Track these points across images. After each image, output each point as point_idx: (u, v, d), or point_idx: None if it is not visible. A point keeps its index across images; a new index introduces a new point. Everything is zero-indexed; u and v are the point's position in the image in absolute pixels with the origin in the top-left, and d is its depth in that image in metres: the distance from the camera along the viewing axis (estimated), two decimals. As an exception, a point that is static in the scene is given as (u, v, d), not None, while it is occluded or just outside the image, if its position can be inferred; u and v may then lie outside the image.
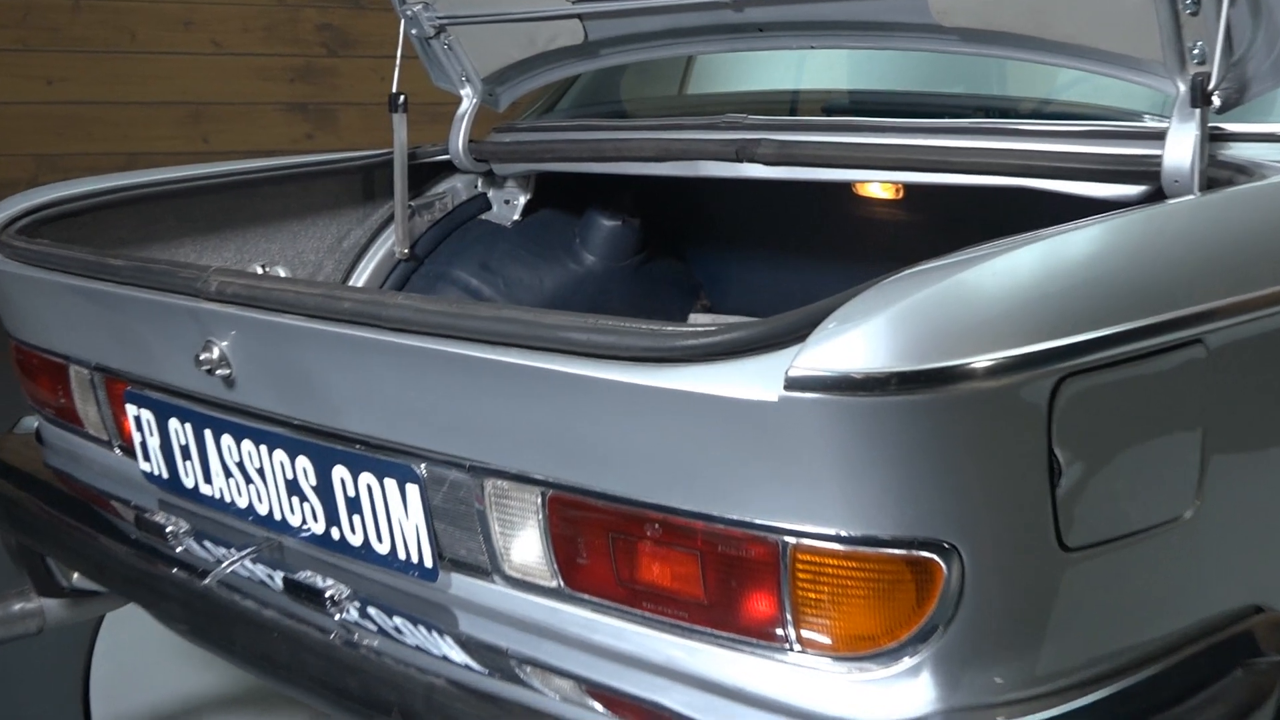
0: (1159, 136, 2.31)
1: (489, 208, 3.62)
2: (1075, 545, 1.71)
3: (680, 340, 1.72)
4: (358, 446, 2.14)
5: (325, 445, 2.18)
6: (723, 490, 1.73)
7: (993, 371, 1.60)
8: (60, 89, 6.78)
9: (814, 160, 2.84)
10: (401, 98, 3.38)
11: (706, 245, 3.75)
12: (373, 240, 3.51)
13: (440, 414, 2.01)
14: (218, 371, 2.25)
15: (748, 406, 1.64)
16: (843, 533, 1.66)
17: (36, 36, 6.60)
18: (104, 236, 3.09)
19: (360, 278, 3.48)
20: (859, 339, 1.60)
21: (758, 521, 1.72)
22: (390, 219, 3.49)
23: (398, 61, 3.36)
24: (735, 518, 1.74)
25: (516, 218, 3.58)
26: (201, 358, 2.24)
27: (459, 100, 3.47)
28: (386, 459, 2.10)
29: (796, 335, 1.64)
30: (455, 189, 3.59)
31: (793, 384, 1.59)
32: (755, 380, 1.64)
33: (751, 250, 3.66)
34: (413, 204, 3.51)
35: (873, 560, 1.67)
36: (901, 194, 3.21)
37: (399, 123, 3.39)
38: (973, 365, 1.59)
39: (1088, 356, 1.68)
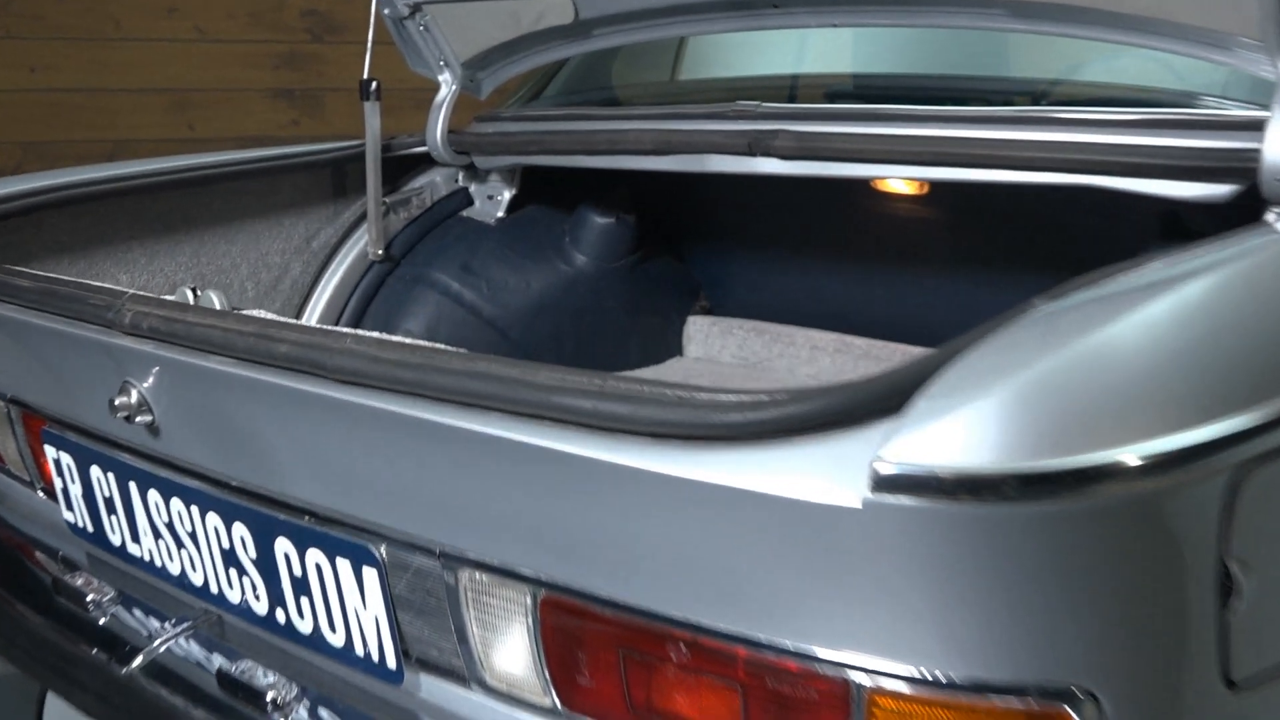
0: (1253, 127, 1.78)
1: (471, 204, 3.04)
2: (1245, 680, 1.18)
3: (722, 414, 1.16)
4: (305, 518, 1.58)
5: (265, 513, 1.63)
6: (775, 610, 1.19)
7: (1151, 467, 1.07)
8: (44, 76, 6.16)
9: (837, 154, 2.28)
10: (374, 84, 2.80)
11: (706, 243, 3.18)
12: (344, 240, 2.94)
13: (403, 487, 1.45)
14: (137, 419, 1.69)
15: (815, 510, 1.10)
16: (940, 675, 1.13)
17: (19, 24, 6.02)
18: (41, 241, 2.52)
19: (331, 281, 2.91)
20: (973, 422, 1.05)
21: (821, 654, 1.18)
22: (363, 217, 2.91)
23: (369, 44, 2.78)
24: (791, 646, 1.20)
25: (501, 215, 3.01)
26: (117, 402, 1.68)
27: (437, 87, 2.89)
28: (338, 535, 1.54)
29: (883, 408, 1.09)
30: (434, 184, 3.01)
31: (881, 483, 1.05)
32: (826, 474, 1.10)
33: (755, 248, 3.10)
34: (387, 200, 2.93)
35: (981, 712, 1.13)
36: (925, 188, 2.64)
37: (371, 111, 2.82)
38: (1124, 460, 1.05)
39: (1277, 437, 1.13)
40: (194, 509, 1.72)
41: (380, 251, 2.91)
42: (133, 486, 1.82)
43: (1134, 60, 2.27)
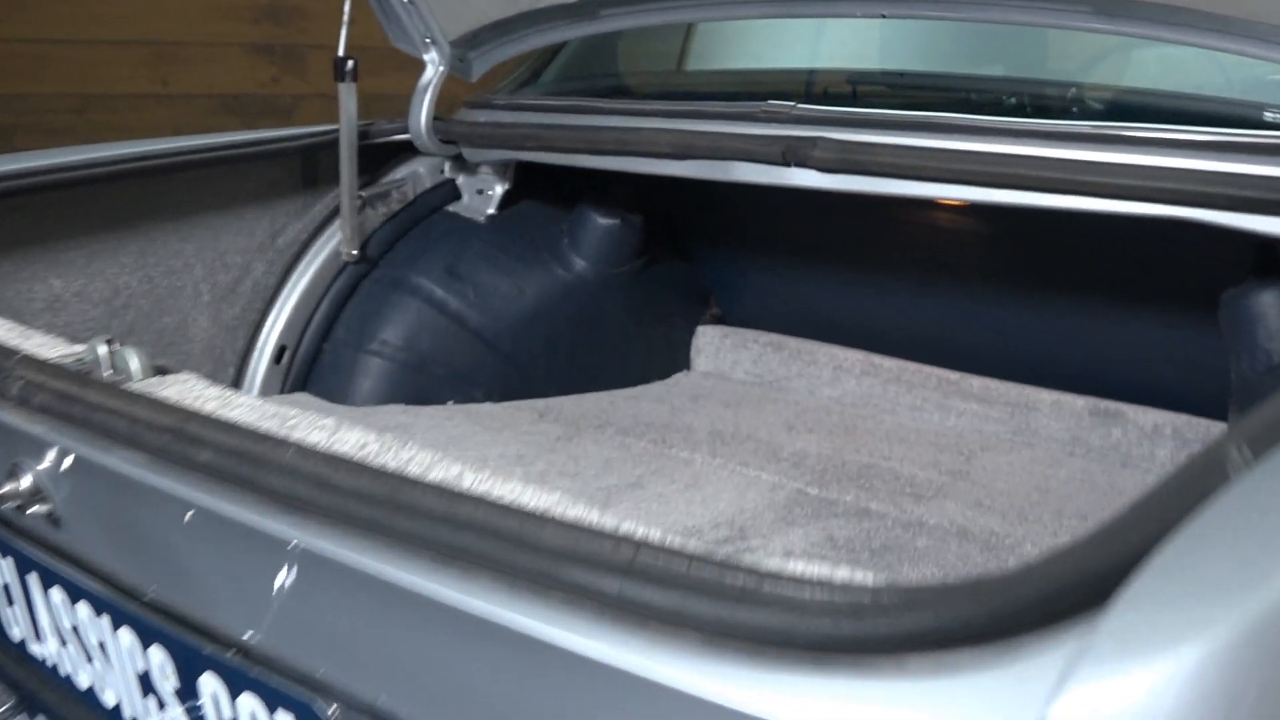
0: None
1: (458, 198, 2.65)
2: None
3: (807, 618, 0.80)
4: (235, 654, 1.21)
5: (189, 641, 1.25)
6: None
7: None
8: (8, 27, 5.68)
9: (885, 169, 1.89)
10: (350, 63, 2.40)
11: (718, 244, 2.80)
12: (314, 237, 2.55)
13: (359, 646, 1.08)
14: (31, 509, 1.31)
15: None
16: None
17: (-15, -32, 5.56)
18: (-38, 239, 2.13)
19: (298, 283, 2.52)
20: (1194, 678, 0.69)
21: None
22: (336, 211, 2.52)
23: (346, 17, 2.39)
24: None
25: (492, 211, 2.62)
26: (5, 488, 1.30)
27: (422, 66, 2.49)
28: (277, 683, 1.17)
29: (1051, 629, 0.74)
30: (417, 175, 2.62)
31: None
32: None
33: (773, 251, 2.71)
34: (363, 194, 2.54)
35: None
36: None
37: (346, 94, 2.42)
38: None
39: None
40: (104, 619, 1.35)
41: (354, 251, 2.51)
42: (33, 579, 1.44)
43: (1238, 71, 1.89)
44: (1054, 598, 0.76)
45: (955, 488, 2.16)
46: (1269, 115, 1.83)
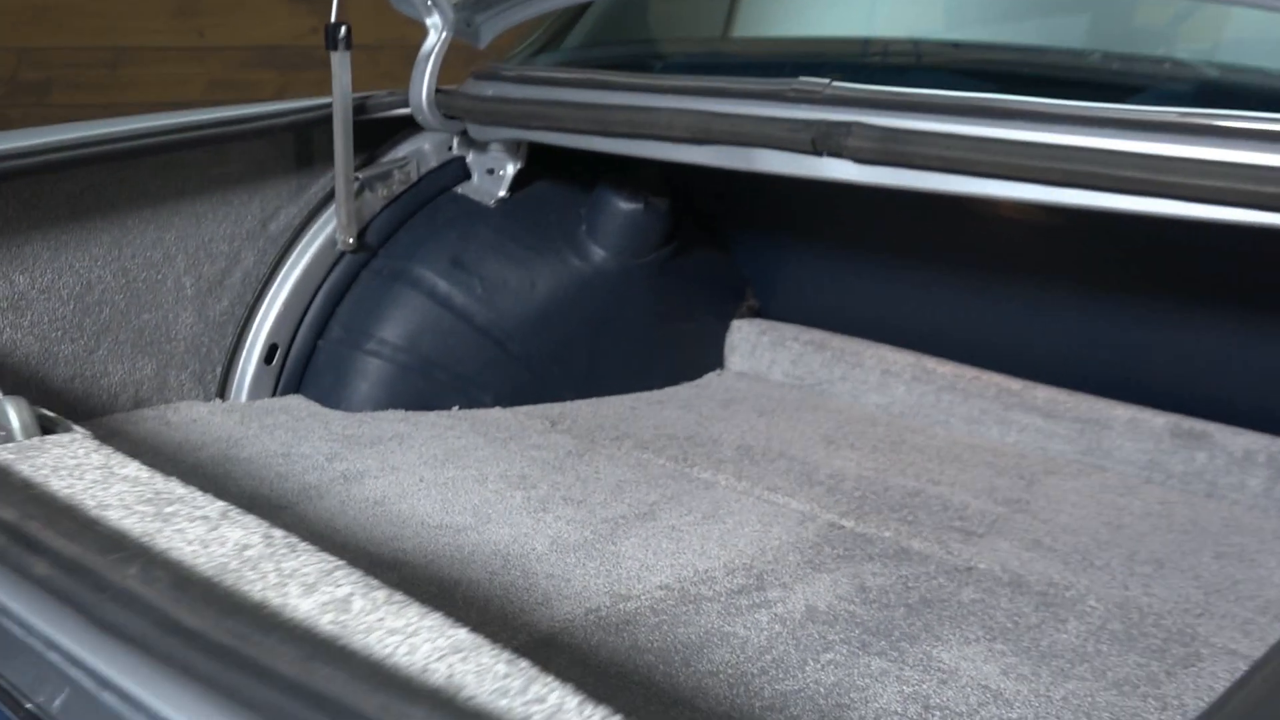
0: None
1: (467, 177, 2.42)
2: None
3: None
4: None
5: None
6: None
7: None
8: (37, -27, 5.51)
9: (933, 162, 1.64)
10: (343, 29, 2.19)
11: (756, 231, 2.55)
12: (309, 222, 2.35)
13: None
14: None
15: None
16: None
17: (10, -88, 5.40)
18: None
19: (291, 273, 2.33)
20: None
21: None
22: (332, 194, 2.31)
23: (340, -22, 2.18)
24: None
25: (502, 194, 2.40)
26: None
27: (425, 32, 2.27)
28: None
29: None
30: (421, 153, 2.40)
31: None
32: None
33: (817, 240, 2.46)
34: (361, 175, 2.33)
35: None
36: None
37: (340, 64, 2.21)
38: None
39: None
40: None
41: (351, 239, 2.31)
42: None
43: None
44: None
45: (1011, 522, 1.92)
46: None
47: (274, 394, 2.36)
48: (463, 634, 0.85)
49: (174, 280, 2.26)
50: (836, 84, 1.81)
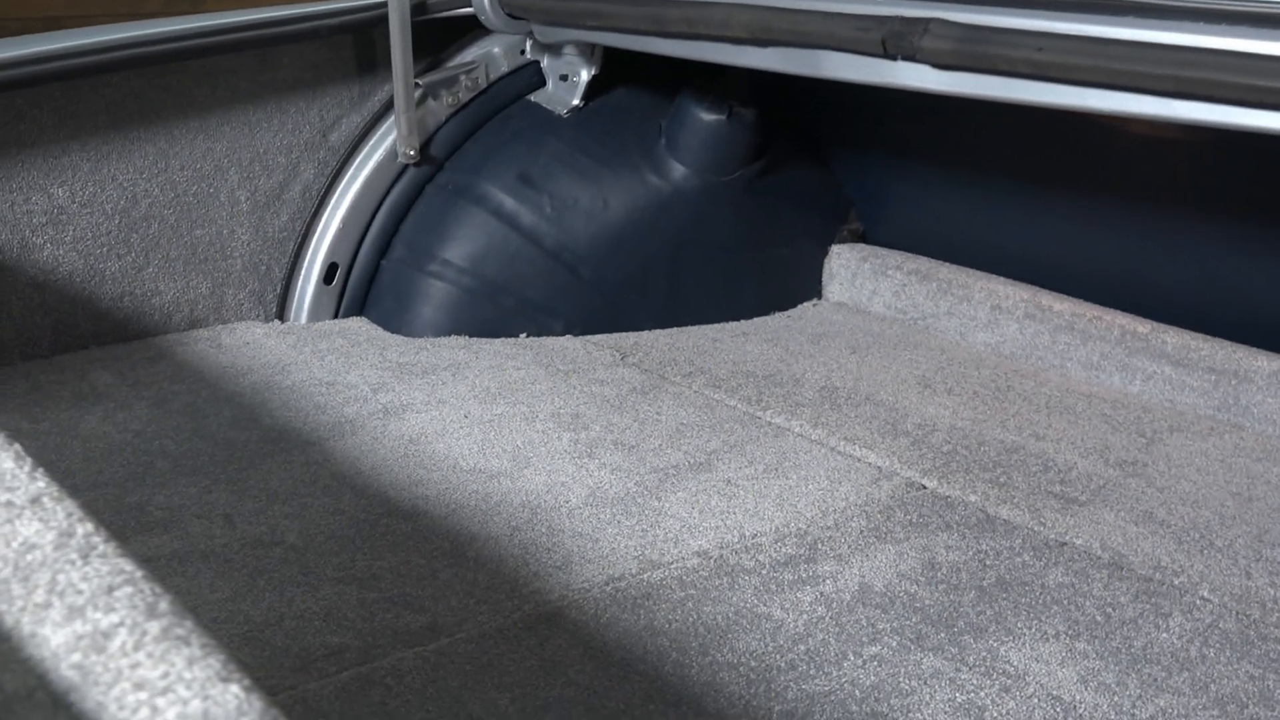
0: None
1: (541, 84, 2.20)
2: None
3: None
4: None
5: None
6: None
7: None
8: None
9: (1022, 67, 1.36)
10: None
11: (859, 144, 2.27)
12: (370, 131, 2.16)
13: None
14: None
15: None
16: None
17: None
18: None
19: (351, 187, 2.16)
20: None
21: None
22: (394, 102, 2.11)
23: None
24: None
25: (576, 102, 2.17)
26: None
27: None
28: None
29: None
30: (491, 57, 2.18)
31: None
32: None
33: (925, 157, 2.18)
34: (422, 81, 2.13)
35: None
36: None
37: (396, -42, 2.00)
38: None
39: None
40: None
41: (413, 152, 2.12)
42: None
43: None
44: None
45: (1122, 488, 1.64)
46: None
47: (335, 316, 2.20)
48: (231, 694, 0.64)
49: (227, 194, 2.11)
50: (918, -27, 1.52)
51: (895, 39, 1.45)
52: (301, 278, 2.17)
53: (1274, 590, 1.41)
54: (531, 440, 1.76)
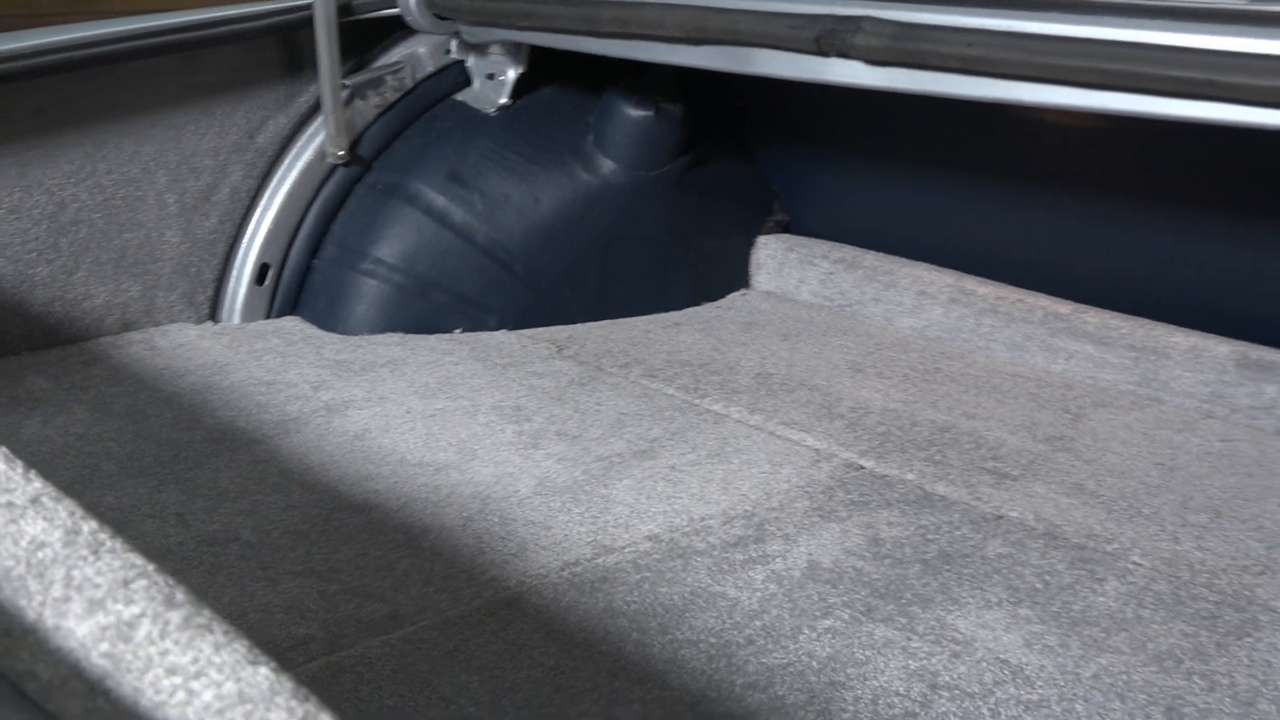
0: None
1: (467, 83, 2.21)
2: None
3: None
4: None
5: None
6: None
7: None
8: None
9: (952, 62, 1.41)
10: (324, -81, 1.98)
11: (783, 137, 2.31)
12: (298, 132, 2.16)
13: None
14: None
15: None
16: None
17: None
18: None
19: (280, 188, 2.15)
20: None
21: None
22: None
23: None
24: None
25: (504, 101, 2.19)
26: None
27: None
28: None
29: None
30: (417, 57, 2.20)
31: None
32: None
33: (849, 149, 2.23)
34: (349, 81, 2.13)
35: None
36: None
37: (323, -41, 2.00)
38: None
39: None
40: None
41: (342, 152, 2.12)
42: None
43: None
44: None
45: (1052, 462, 1.70)
46: None
47: (268, 316, 2.19)
48: (262, 675, 0.65)
49: (155, 197, 2.09)
50: (847, -30, 1.57)
51: (829, 37, 1.50)
52: (233, 279, 2.17)
53: (1201, 554, 1.48)
54: (475, 433, 1.78)
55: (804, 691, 1.22)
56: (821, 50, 1.50)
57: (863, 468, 1.69)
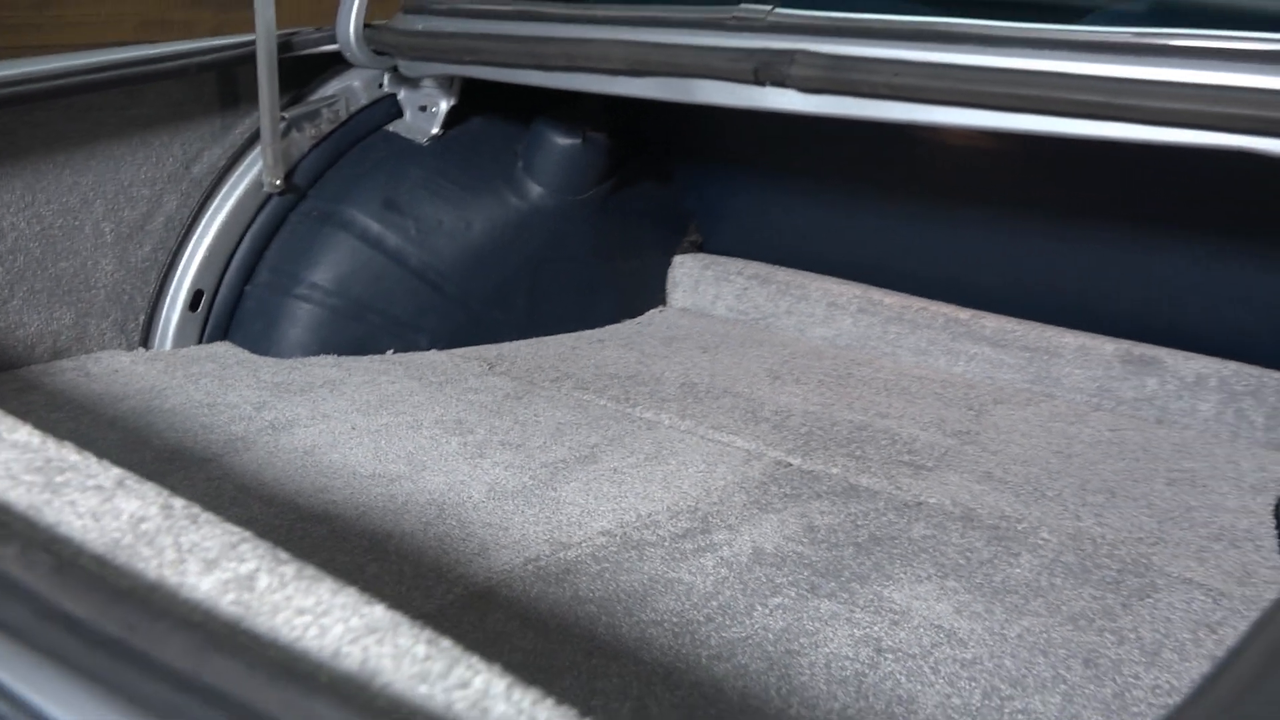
0: None
1: (399, 115, 2.31)
2: None
3: None
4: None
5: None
6: None
7: None
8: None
9: (880, 90, 1.55)
10: (263, -39, 2.07)
11: (699, 163, 2.45)
12: (234, 164, 2.23)
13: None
14: None
15: None
16: None
17: None
18: None
19: (216, 217, 2.22)
20: None
21: None
22: (257, 135, 2.19)
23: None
24: None
25: (436, 131, 2.29)
26: None
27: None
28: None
29: None
30: (351, 90, 2.28)
31: None
32: None
33: (762, 172, 2.38)
34: (287, 114, 2.21)
35: None
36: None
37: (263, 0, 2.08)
38: None
39: None
40: None
41: (278, 181, 2.20)
42: None
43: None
44: None
45: (961, 454, 1.85)
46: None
47: (200, 342, 2.25)
48: (379, 611, 0.76)
49: (92, 226, 2.15)
50: (779, 10, 1.71)
51: (766, 68, 1.63)
52: (167, 305, 2.22)
53: (1101, 528, 1.64)
54: (422, 446, 1.87)
55: (764, 660, 1.34)
56: (759, 80, 1.64)
57: (791, 465, 1.82)
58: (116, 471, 0.93)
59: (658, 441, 1.90)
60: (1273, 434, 1.86)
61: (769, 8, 1.73)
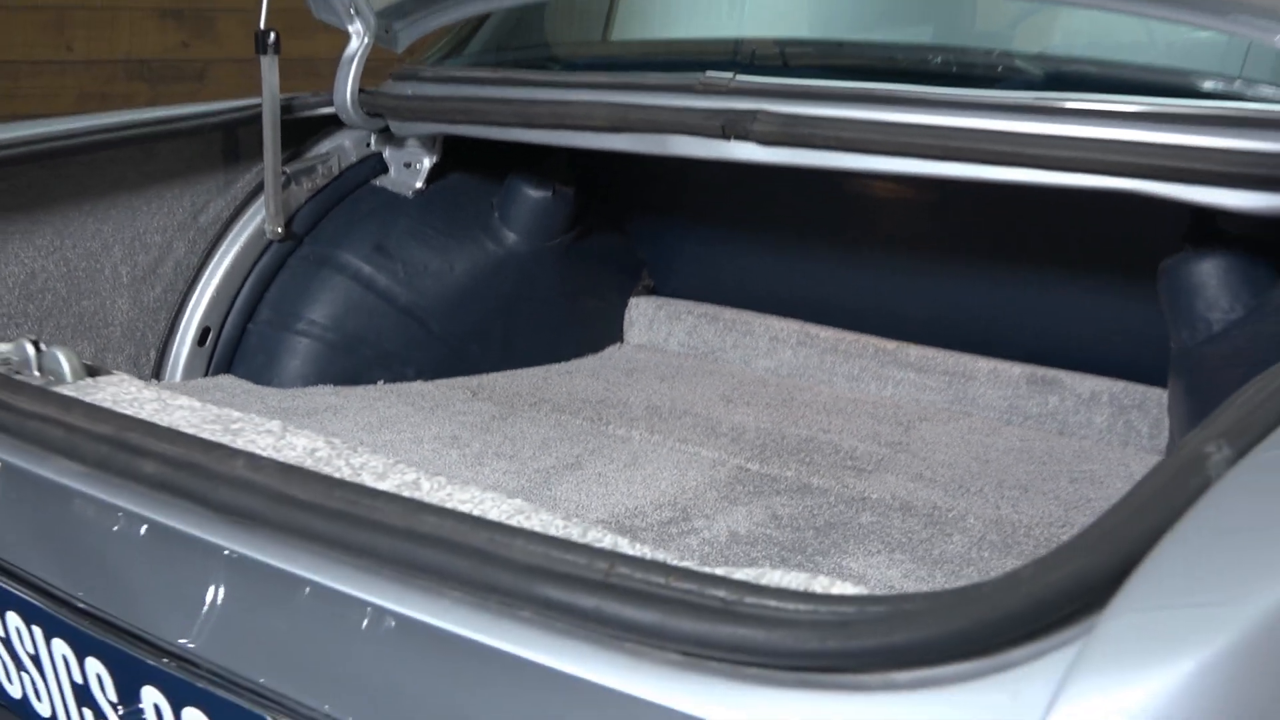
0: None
1: (385, 171, 2.58)
2: None
3: (794, 635, 0.79)
4: (174, 663, 1.16)
5: (127, 651, 1.20)
6: None
7: None
8: (-98, -12, 5.43)
9: (830, 142, 1.87)
10: (272, 35, 2.33)
11: (652, 215, 2.76)
12: (238, 214, 2.47)
13: (315, 663, 1.04)
14: (-45, 517, 1.25)
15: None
16: None
17: None
18: None
19: (222, 262, 2.45)
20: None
21: None
22: (259, 188, 2.45)
23: (265, -14, 2.31)
24: None
25: (419, 185, 2.56)
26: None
27: (347, 38, 2.43)
28: (225, 695, 1.13)
29: (1052, 625, 0.76)
30: (342, 149, 2.55)
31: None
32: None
33: (708, 223, 2.69)
34: (288, 169, 2.47)
35: None
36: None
37: (269, 67, 2.34)
38: None
39: None
40: (36, 630, 1.29)
41: (279, 229, 2.45)
42: (-40, 589, 1.38)
43: (1182, 39, 1.89)
44: (1047, 607, 0.74)
45: (895, 460, 2.16)
46: (1204, 85, 1.84)
47: (206, 374, 2.48)
48: (519, 502, 1.03)
49: (111, 269, 2.37)
50: (740, 77, 2.03)
51: (733, 124, 1.94)
52: (177, 341, 2.45)
53: (1018, 515, 1.95)
54: (426, 456, 2.12)
55: (750, 611, 1.61)
56: (725, 135, 1.94)
57: (751, 469, 2.11)
58: (278, 421, 1.18)
59: (633, 452, 2.17)
60: (1156, 440, 2.19)
61: (730, 75, 2.04)
